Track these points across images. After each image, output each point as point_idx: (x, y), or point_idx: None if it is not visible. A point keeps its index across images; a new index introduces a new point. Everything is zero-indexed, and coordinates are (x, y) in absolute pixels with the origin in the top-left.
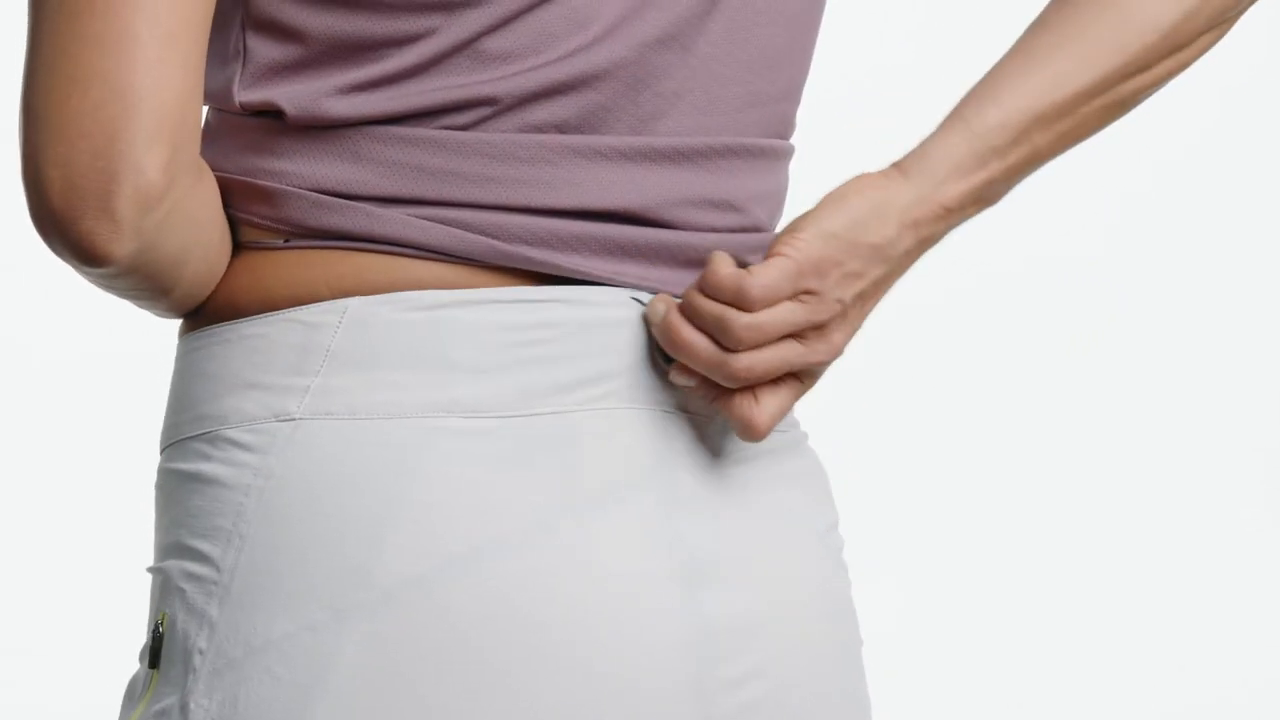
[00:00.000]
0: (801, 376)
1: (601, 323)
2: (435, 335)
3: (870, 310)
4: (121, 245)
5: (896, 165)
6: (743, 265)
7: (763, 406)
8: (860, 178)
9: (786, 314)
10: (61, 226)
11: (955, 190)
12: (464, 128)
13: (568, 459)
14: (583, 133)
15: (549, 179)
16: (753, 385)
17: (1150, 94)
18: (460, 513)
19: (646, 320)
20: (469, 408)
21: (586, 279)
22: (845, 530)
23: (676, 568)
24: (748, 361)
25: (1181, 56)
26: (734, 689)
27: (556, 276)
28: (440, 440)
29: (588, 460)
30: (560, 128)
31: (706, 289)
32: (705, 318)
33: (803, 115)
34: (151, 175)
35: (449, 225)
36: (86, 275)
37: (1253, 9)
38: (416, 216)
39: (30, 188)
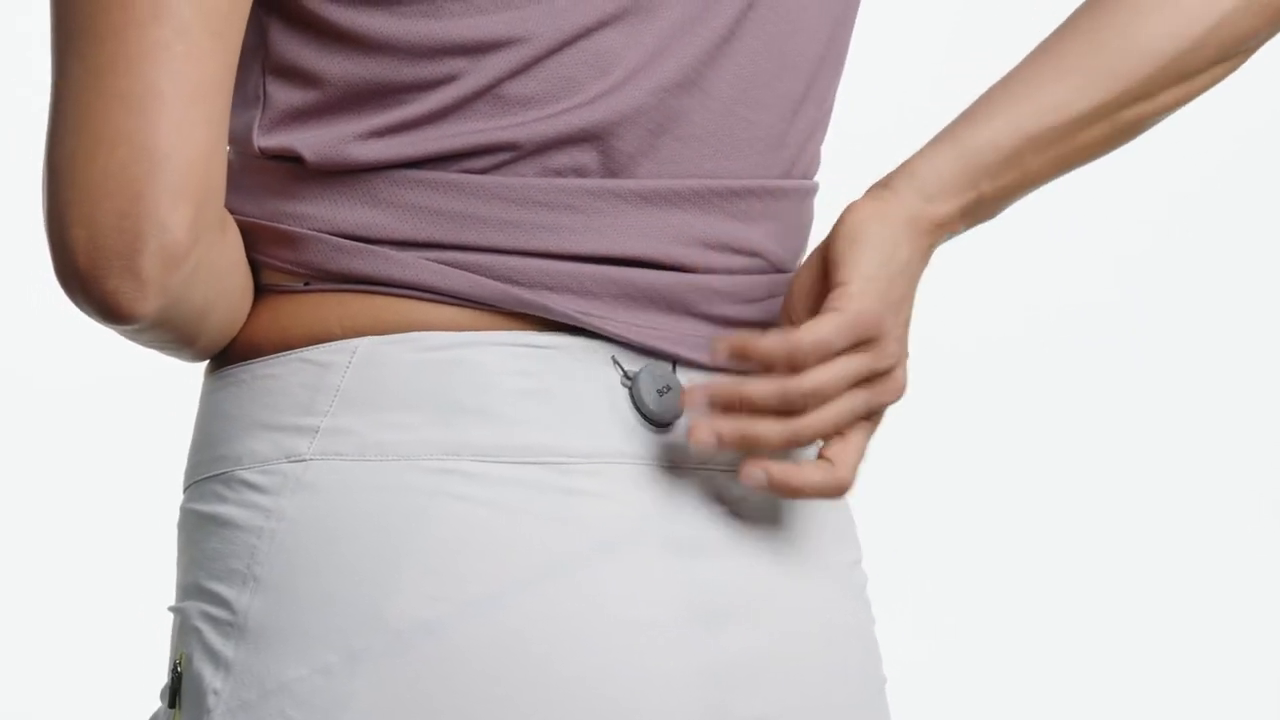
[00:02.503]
0: (871, 416)
1: (604, 377)
2: (444, 377)
3: (908, 335)
4: (147, 303)
5: (884, 185)
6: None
7: (842, 463)
8: (856, 208)
9: (848, 368)
10: (87, 285)
11: (945, 208)
12: (483, 171)
13: (574, 508)
14: (603, 177)
15: (569, 224)
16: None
17: (1159, 120)
18: (475, 555)
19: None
20: (478, 451)
21: (600, 331)
22: (869, 566)
23: (690, 609)
24: (818, 422)
25: (1190, 86)
26: None
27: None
28: (451, 483)
29: (593, 510)
30: (580, 172)
31: (760, 363)
32: (768, 400)
33: (830, 148)
34: (177, 234)
35: (466, 270)
36: (111, 328)
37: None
38: (434, 261)
39: (55, 246)
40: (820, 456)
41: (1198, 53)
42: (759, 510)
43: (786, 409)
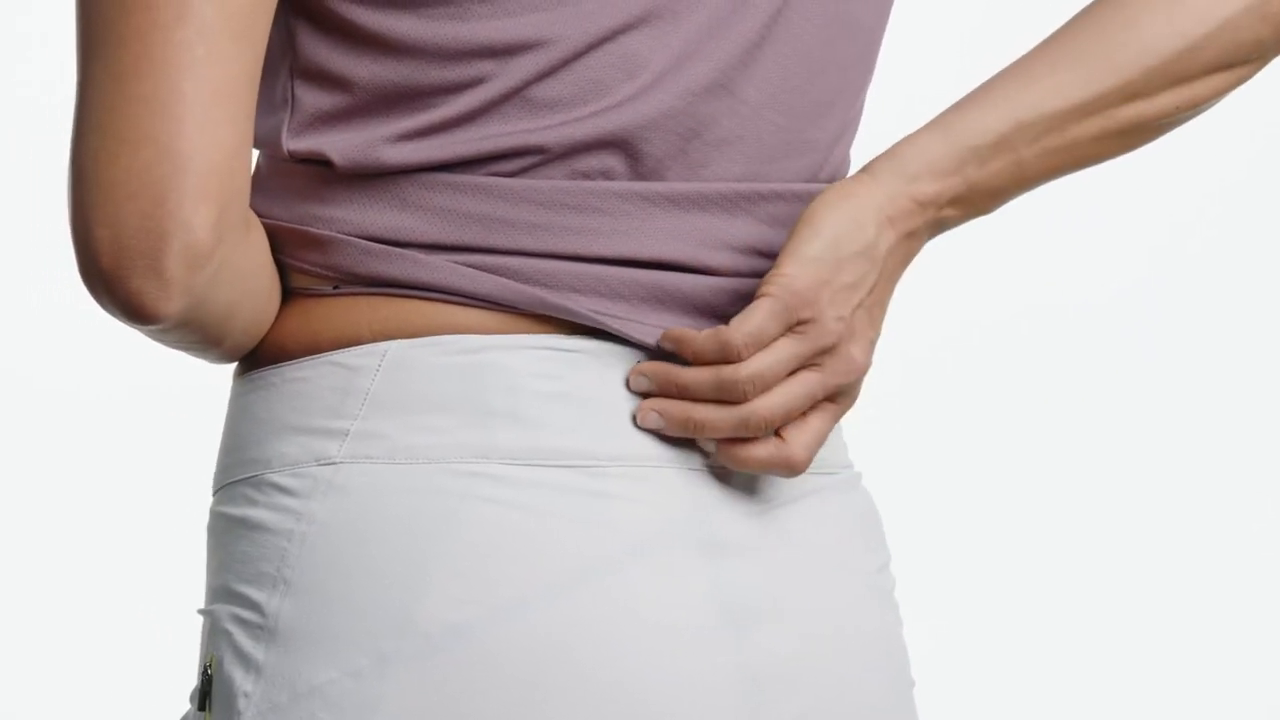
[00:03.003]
0: (834, 399)
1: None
2: (473, 380)
3: (881, 316)
4: (171, 303)
5: (864, 168)
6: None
7: (795, 441)
8: (827, 191)
9: (786, 350)
10: (111, 285)
11: (929, 188)
12: (512, 175)
13: (603, 511)
14: (631, 180)
15: (596, 226)
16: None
17: (1159, 127)
18: (506, 559)
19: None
20: (507, 454)
21: (621, 334)
22: (897, 569)
23: (720, 613)
24: (766, 407)
25: (1190, 92)
26: None
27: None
28: (481, 486)
29: (622, 513)
30: (608, 175)
31: (692, 360)
32: (703, 388)
33: (858, 148)
34: (200, 234)
35: (495, 273)
36: (136, 329)
37: None
38: (463, 264)
39: (79, 247)
40: (776, 434)
41: (1198, 54)
42: (786, 512)
43: (726, 397)
